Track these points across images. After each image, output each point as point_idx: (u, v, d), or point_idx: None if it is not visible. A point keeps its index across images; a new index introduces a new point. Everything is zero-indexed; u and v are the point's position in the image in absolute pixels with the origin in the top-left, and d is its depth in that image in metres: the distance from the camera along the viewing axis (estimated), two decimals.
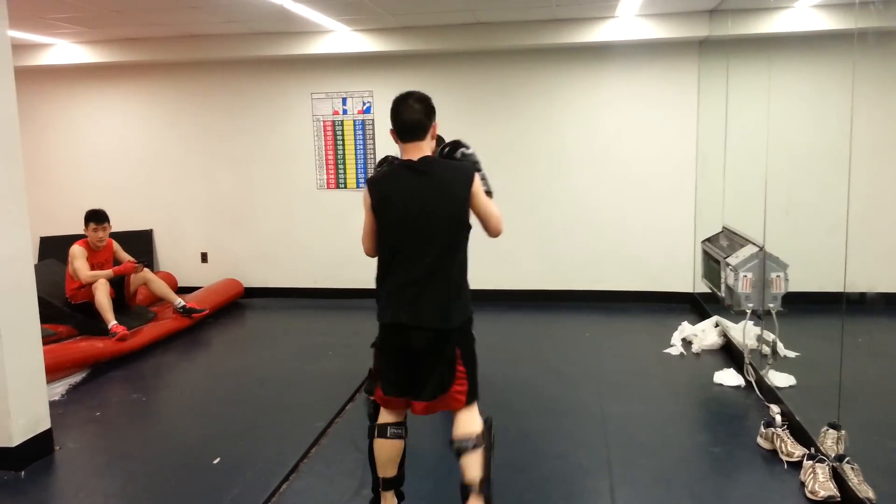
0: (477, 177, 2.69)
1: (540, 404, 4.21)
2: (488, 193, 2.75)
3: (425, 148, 2.72)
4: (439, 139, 2.98)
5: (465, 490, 2.68)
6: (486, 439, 2.76)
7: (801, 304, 4.50)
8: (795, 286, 4.07)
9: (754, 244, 4.28)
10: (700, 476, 3.27)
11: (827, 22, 4.99)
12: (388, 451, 2.82)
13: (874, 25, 3.12)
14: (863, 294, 4.18)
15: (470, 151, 2.86)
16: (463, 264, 2.73)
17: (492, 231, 2.77)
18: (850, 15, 3.40)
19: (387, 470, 2.83)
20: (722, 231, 5.14)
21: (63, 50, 6.55)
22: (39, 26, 5.71)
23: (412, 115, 2.69)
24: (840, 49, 4.30)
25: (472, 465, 2.68)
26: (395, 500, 2.87)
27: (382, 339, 2.79)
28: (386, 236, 2.73)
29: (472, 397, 2.78)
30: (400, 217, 2.67)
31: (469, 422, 2.74)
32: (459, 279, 2.72)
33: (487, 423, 2.80)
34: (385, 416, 2.84)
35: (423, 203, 2.63)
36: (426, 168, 2.67)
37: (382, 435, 2.81)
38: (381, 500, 2.85)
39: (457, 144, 2.86)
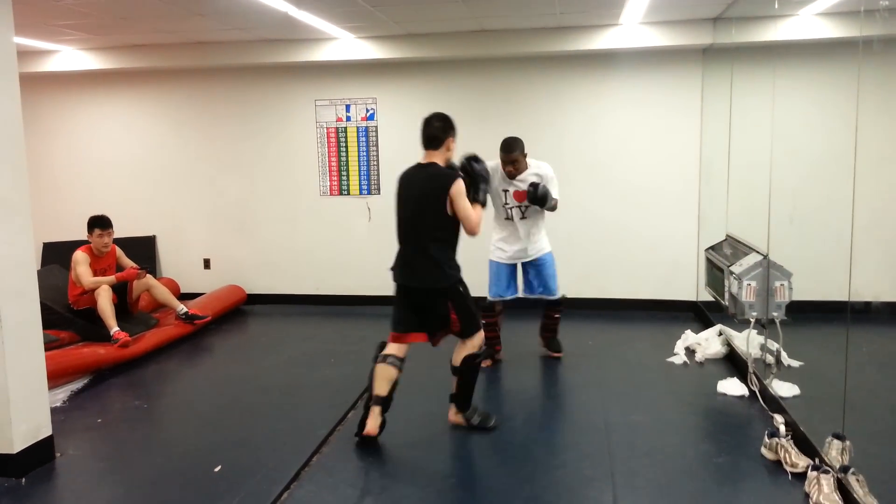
0: (458, 183, 3.56)
1: (543, 413, 4.20)
2: (476, 202, 3.65)
3: (437, 156, 3.68)
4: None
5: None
6: (469, 365, 3.75)
7: (806, 313, 4.48)
8: (799, 295, 4.05)
9: (758, 252, 4.26)
10: (704, 486, 3.25)
11: (831, 30, 4.98)
12: (384, 373, 3.70)
13: (879, 33, 3.10)
14: (868, 303, 4.16)
15: (480, 165, 3.75)
16: (444, 245, 3.66)
17: (467, 231, 3.66)
18: (855, 23, 3.39)
19: (380, 388, 3.69)
20: (726, 239, 5.12)
21: (68, 56, 6.57)
22: (44, 33, 5.73)
23: (430, 130, 3.67)
24: (845, 57, 4.30)
25: (455, 383, 3.84)
26: (380, 419, 3.70)
27: (395, 291, 3.87)
28: (396, 218, 3.80)
29: (467, 333, 3.75)
30: (401, 206, 3.76)
31: (461, 352, 3.78)
32: (438, 256, 3.64)
33: (474, 356, 3.76)
34: (390, 349, 3.77)
35: (415, 197, 3.67)
36: (423, 171, 3.67)
37: (383, 361, 3.73)
38: (368, 414, 3.67)
39: (471, 158, 3.75)
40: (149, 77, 6.98)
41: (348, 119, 6.78)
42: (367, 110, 6.75)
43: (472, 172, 3.71)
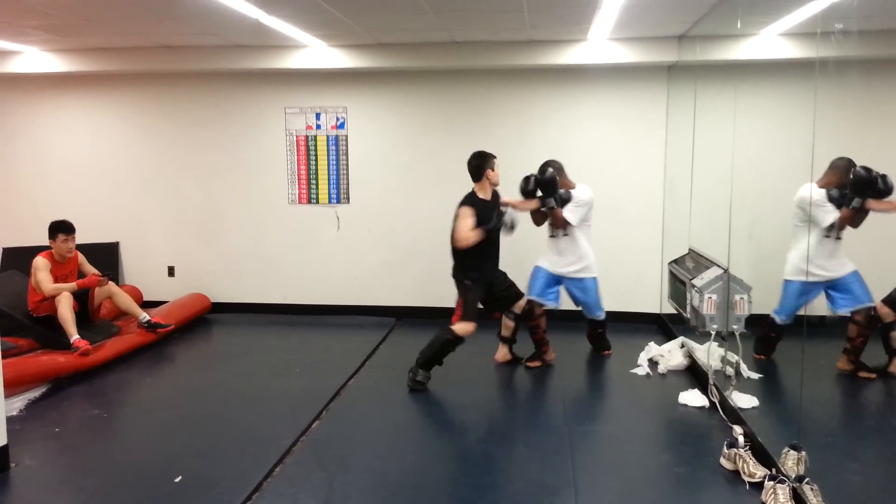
0: (460, 209, 4.64)
1: (505, 423, 4.22)
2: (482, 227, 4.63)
3: (478, 187, 4.79)
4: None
5: None
6: (443, 335, 4.70)
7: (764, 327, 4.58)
8: (759, 308, 4.14)
9: (719, 266, 4.35)
10: (664, 496, 3.30)
11: (791, 50, 5.12)
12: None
13: (834, 55, 3.21)
14: (822, 318, 4.27)
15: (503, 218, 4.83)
16: (462, 251, 4.63)
17: (453, 242, 4.68)
18: (813, 44, 3.49)
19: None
20: (688, 253, 5.22)
21: (32, 58, 6.46)
22: (8, 33, 5.63)
23: (470, 169, 4.79)
24: (803, 77, 4.42)
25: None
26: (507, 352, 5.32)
27: None
28: None
29: (461, 319, 4.68)
30: None
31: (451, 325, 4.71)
32: (458, 258, 4.73)
33: (451, 332, 4.67)
34: None
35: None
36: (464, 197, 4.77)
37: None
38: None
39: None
40: (115, 81, 6.89)
41: (318, 127, 6.77)
42: (338, 119, 6.74)
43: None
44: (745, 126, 4.56)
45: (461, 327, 4.65)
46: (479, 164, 4.72)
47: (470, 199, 4.69)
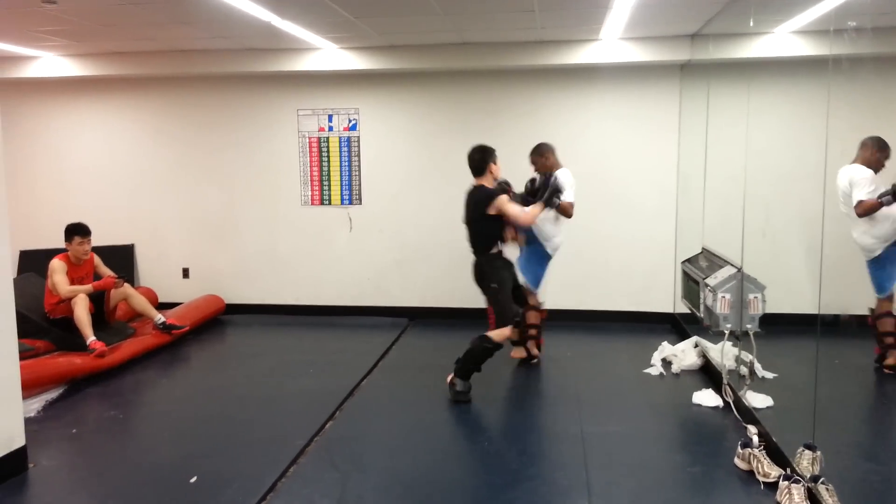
0: (500, 198, 4.47)
1: (520, 423, 4.22)
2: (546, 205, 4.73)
3: (484, 180, 4.58)
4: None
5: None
6: (479, 343, 4.47)
7: (778, 326, 4.55)
8: (772, 307, 4.12)
9: (732, 265, 4.33)
10: (678, 496, 3.29)
11: (804, 48, 5.08)
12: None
13: (847, 52, 3.18)
14: (837, 316, 4.23)
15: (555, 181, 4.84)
16: (482, 242, 4.57)
17: (520, 226, 4.69)
18: (826, 41, 3.47)
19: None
20: (701, 252, 5.19)
21: (49, 62, 6.53)
22: (25, 39, 5.70)
23: (473, 163, 4.59)
24: (816, 74, 4.39)
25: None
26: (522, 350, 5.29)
27: None
28: None
29: (497, 325, 4.50)
30: (464, 216, 4.66)
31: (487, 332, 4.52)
32: (479, 258, 4.59)
33: (488, 339, 4.46)
34: None
35: (466, 210, 4.63)
36: (470, 192, 4.62)
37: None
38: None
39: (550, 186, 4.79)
40: (130, 84, 6.95)
41: (330, 129, 6.80)
42: (350, 120, 6.77)
43: (548, 184, 4.77)
44: (759, 124, 4.53)
45: (498, 333, 4.49)
46: (483, 159, 4.59)
47: (493, 190, 4.55)
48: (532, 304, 5.21)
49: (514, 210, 4.49)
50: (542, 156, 5.27)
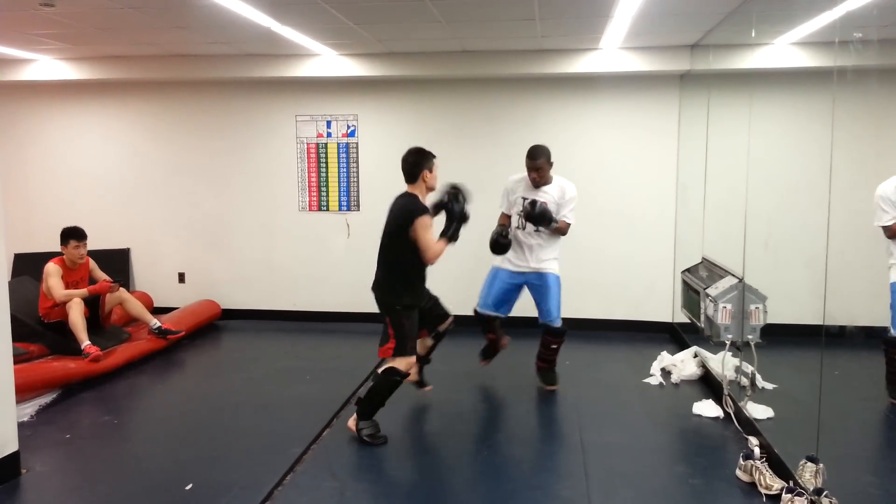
0: (422, 219, 3.82)
1: (519, 433, 4.18)
2: (446, 238, 3.95)
3: (416, 188, 4.00)
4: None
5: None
6: (385, 377, 3.93)
7: (780, 337, 4.53)
8: (774, 318, 4.10)
9: (734, 276, 4.31)
10: None
11: (806, 59, 5.09)
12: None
13: (853, 64, 3.18)
14: (842, 327, 4.22)
15: (458, 206, 4.05)
16: (396, 267, 3.98)
17: (426, 260, 3.93)
18: (830, 53, 3.47)
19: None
20: (702, 262, 5.18)
21: (45, 66, 6.50)
22: (22, 41, 5.66)
23: (405, 167, 4.03)
24: (819, 86, 4.39)
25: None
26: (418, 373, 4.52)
27: None
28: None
29: (396, 353, 3.94)
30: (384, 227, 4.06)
31: (389, 363, 3.97)
32: (390, 274, 4.00)
33: (396, 372, 3.90)
34: None
35: (386, 223, 4.02)
36: (401, 201, 4.00)
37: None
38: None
39: (452, 197, 4.08)
40: (127, 89, 6.92)
41: (329, 135, 6.78)
42: (348, 126, 6.75)
43: (450, 212, 4.03)
44: (760, 135, 4.53)
45: (403, 363, 3.91)
46: (416, 163, 3.97)
47: (423, 206, 3.92)
48: (443, 327, 4.55)
49: (426, 239, 3.84)
50: (549, 163, 4.70)
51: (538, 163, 4.64)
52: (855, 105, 3.60)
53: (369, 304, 4.06)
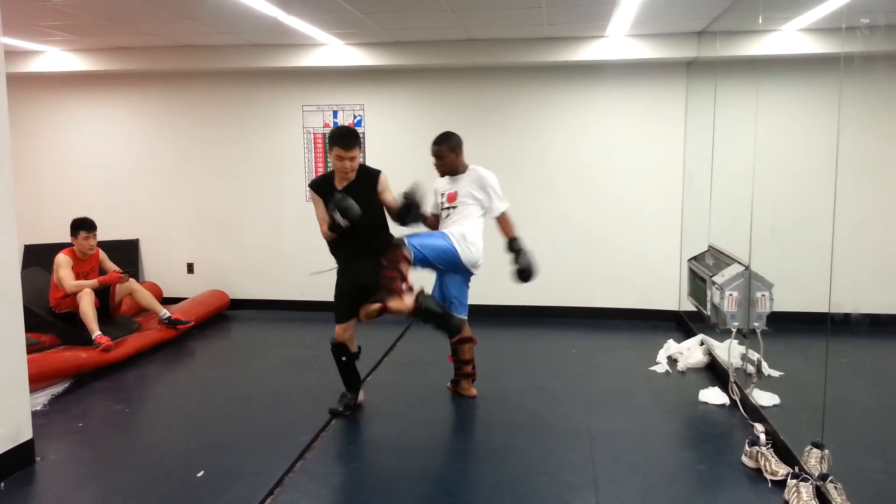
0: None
1: (526, 420, 4.21)
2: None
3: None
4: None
5: None
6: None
7: (786, 324, 4.54)
8: (780, 306, 4.11)
9: (740, 263, 4.32)
10: (686, 494, 3.28)
11: (813, 46, 5.07)
12: None
13: (860, 50, 3.17)
14: (847, 315, 4.22)
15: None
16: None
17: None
18: (837, 39, 3.46)
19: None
20: (708, 250, 5.18)
21: (54, 57, 6.53)
22: (30, 33, 5.69)
23: None
24: (826, 72, 4.38)
25: None
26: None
27: None
28: None
29: None
30: None
31: None
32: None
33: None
34: None
35: None
36: None
37: None
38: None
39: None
40: (135, 80, 6.95)
41: (335, 125, 6.79)
42: (355, 116, 6.76)
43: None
44: (767, 122, 4.52)
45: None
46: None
47: (315, 183, 4.03)
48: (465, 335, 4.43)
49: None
50: (453, 151, 4.35)
51: (438, 149, 4.33)
52: (862, 91, 3.59)
53: None
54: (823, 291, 3.19)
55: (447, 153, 4.33)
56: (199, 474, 3.44)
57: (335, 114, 6.77)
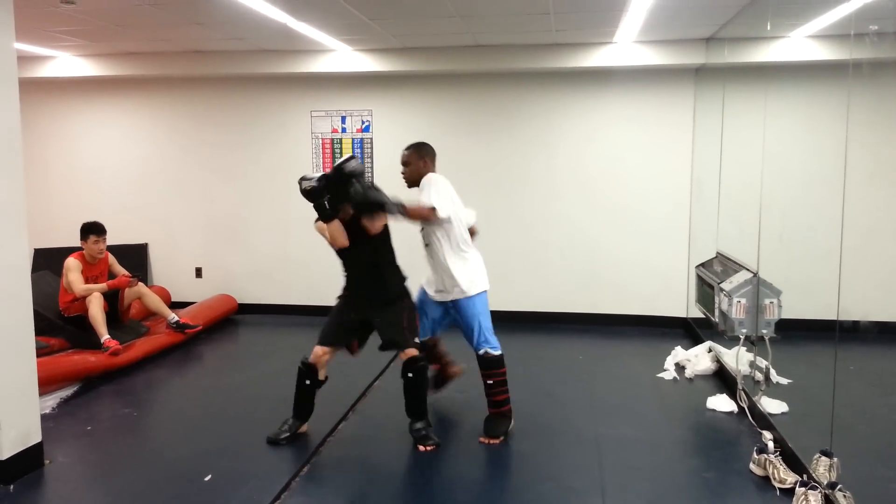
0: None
1: (533, 427, 4.20)
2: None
3: None
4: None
5: None
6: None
7: (795, 331, 4.53)
8: (789, 313, 4.10)
9: (748, 270, 4.31)
10: (693, 501, 3.27)
11: (822, 52, 5.07)
12: None
13: (869, 57, 3.17)
14: (856, 322, 4.21)
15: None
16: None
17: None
18: (845, 46, 3.45)
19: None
20: (716, 256, 5.17)
21: (65, 62, 6.58)
22: (42, 38, 5.74)
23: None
24: (835, 79, 4.37)
25: None
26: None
27: None
28: None
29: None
30: None
31: None
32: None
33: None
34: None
35: None
36: None
37: None
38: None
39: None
40: (145, 85, 6.99)
41: (343, 130, 6.81)
42: (363, 122, 6.78)
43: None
44: (776, 129, 4.51)
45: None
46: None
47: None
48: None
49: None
50: (422, 159, 4.00)
51: (406, 154, 4.02)
52: (871, 98, 3.58)
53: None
54: (832, 298, 3.18)
55: (415, 160, 3.98)
56: (207, 478, 3.45)
57: (343, 119, 6.80)
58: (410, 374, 3.81)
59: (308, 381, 3.99)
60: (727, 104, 5.23)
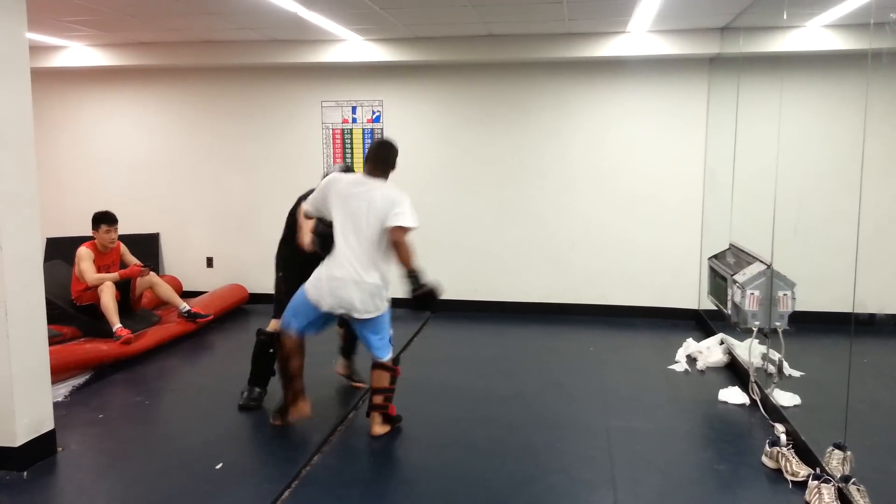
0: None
1: (544, 418, 4.20)
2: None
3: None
4: None
5: None
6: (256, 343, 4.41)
7: (808, 324, 4.49)
8: (803, 305, 4.06)
9: (762, 262, 4.27)
10: (705, 493, 3.25)
11: (839, 42, 5.00)
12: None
13: (889, 46, 3.12)
14: (872, 315, 4.17)
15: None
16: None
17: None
18: (864, 35, 3.40)
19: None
20: (729, 248, 5.13)
21: (76, 52, 6.59)
22: (54, 28, 5.76)
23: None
24: (853, 69, 4.31)
25: None
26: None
27: None
28: None
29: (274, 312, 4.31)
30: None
31: None
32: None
33: (258, 334, 4.38)
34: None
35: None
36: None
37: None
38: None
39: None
40: (156, 75, 7.00)
41: (354, 121, 6.80)
42: (374, 112, 6.76)
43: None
44: (791, 120, 4.46)
45: (271, 324, 4.29)
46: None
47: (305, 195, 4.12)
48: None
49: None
50: (390, 164, 4.09)
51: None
52: (890, 89, 3.53)
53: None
54: (847, 291, 3.15)
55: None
56: (218, 466, 3.46)
57: (354, 109, 6.78)
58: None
59: (272, 350, 4.27)
60: (742, 94, 5.18)
